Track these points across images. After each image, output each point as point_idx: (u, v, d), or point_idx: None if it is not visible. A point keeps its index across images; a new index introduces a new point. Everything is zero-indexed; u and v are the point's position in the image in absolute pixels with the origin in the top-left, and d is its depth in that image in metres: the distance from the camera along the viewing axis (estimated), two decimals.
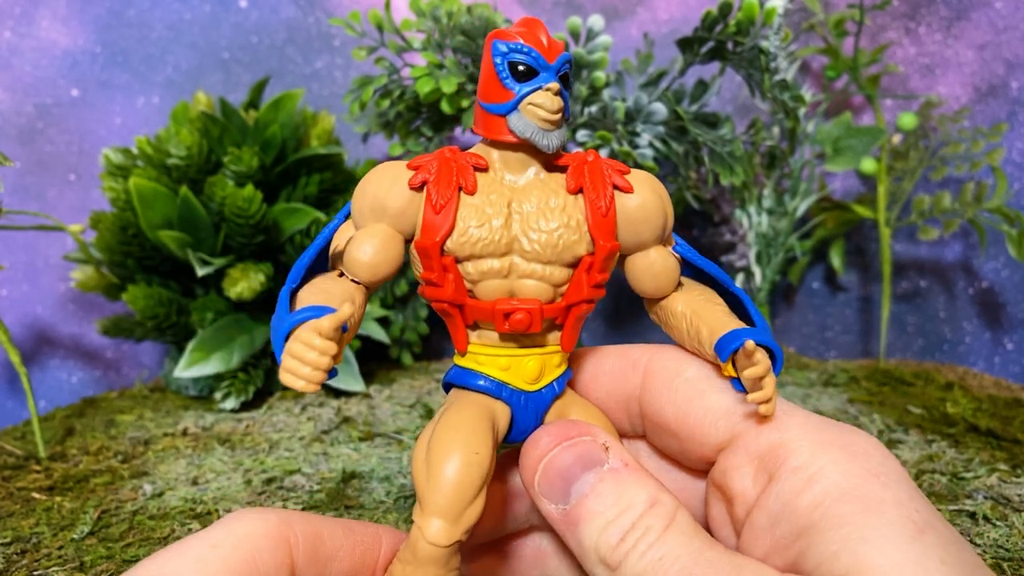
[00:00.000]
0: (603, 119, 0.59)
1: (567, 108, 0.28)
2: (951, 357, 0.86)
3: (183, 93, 0.79)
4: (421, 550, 0.26)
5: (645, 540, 0.25)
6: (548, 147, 0.27)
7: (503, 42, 0.27)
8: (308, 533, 0.26)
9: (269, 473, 0.51)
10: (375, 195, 0.28)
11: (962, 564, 0.23)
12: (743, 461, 0.27)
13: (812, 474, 0.25)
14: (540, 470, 0.28)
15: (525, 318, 0.28)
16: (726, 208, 0.73)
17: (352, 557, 0.28)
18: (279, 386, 0.68)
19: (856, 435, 0.27)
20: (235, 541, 0.25)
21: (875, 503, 0.24)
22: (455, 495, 0.26)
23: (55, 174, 0.80)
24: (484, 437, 0.27)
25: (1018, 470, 0.49)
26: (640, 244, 0.29)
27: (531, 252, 0.28)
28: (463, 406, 0.29)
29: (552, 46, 0.27)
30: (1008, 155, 0.81)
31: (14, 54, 0.77)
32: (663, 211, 0.29)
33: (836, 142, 0.71)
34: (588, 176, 0.28)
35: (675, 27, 0.80)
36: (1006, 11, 0.79)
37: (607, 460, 0.27)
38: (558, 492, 0.27)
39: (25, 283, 0.81)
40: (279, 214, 0.66)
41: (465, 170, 0.28)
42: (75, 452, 0.55)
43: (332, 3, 0.80)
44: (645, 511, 0.26)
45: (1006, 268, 0.84)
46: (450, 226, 0.27)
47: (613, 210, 0.28)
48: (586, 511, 0.27)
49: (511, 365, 0.29)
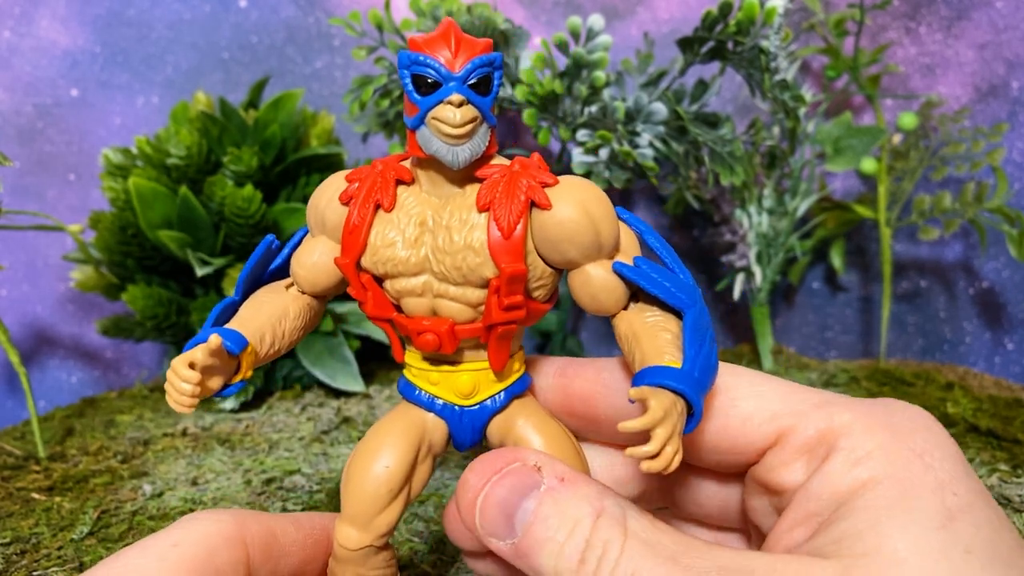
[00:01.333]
0: (603, 119, 0.59)
1: (487, 114, 0.26)
2: (951, 357, 0.86)
3: (183, 93, 0.79)
4: (338, 552, 0.28)
5: (608, 558, 0.24)
6: (454, 163, 0.26)
7: (406, 53, 0.26)
8: (262, 531, 0.27)
9: (269, 473, 0.51)
10: (316, 208, 0.28)
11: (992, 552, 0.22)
12: (792, 456, 0.27)
13: (858, 457, 0.25)
14: (478, 511, 0.27)
15: (434, 340, 0.27)
16: (726, 208, 0.73)
17: (303, 550, 0.29)
18: (279, 386, 0.68)
19: (905, 412, 0.26)
20: (194, 540, 0.26)
21: (912, 486, 0.24)
22: (364, 505, 0.27)
23: (55, 174, 0.80)
24: (401, 451, 0.28)
25: (1018, 470, 0.49)
26: (569, 262, 0.27)
27: (439, 273, 0.27)
28: (390, 419, 0.29)
29: (462, 52, 0.25)
30: (1008, 155, 0.81)
31: (14, 54, 0.77)
32: (591, 227, 0.26)
33: (836, 142, 0.71)
34: (501, 190, 0.26)
35: (675, 27, 0.80)
36: (1006, 11, 0.79)
37: (542, 481, 0.26)
38: (502, 528, 0.26)
39: (25, 283, 0.81)
40: (279, 214, 0.65)
41: (387, 185, 0.27)
42: (75, 452, 0.55)
43: (332, 3, 0.80)
44: (594, 523, 0.25)
45: (1006, 268, 0.83)
46: (362, 245, 0.27)
47: (523, 229, 0.26)
48: (535, 540, 0.26)
49: (441, 380, 0.29)
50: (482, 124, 0.26)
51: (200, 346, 0.26)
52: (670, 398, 0.24)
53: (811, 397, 0.28)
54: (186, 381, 0.25)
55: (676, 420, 0.23)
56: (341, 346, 0.66)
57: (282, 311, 0.29)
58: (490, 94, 0.26)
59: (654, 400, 0.23)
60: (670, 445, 0.23)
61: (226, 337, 0.27)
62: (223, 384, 0.27)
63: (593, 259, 0.27)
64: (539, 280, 0.27)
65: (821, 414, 0.27)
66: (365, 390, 0.66)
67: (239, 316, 0.29)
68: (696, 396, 0.24)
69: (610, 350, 0.86)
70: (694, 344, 0.25)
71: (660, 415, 0.23)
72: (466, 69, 0.25)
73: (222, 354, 0.26)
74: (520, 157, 0.28)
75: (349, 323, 0.68)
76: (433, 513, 0.45)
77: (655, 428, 0.23)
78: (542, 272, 0.27)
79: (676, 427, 0.23)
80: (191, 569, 0.25)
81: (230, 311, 0.29)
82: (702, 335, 0.26)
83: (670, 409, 0.23)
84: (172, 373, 0.25)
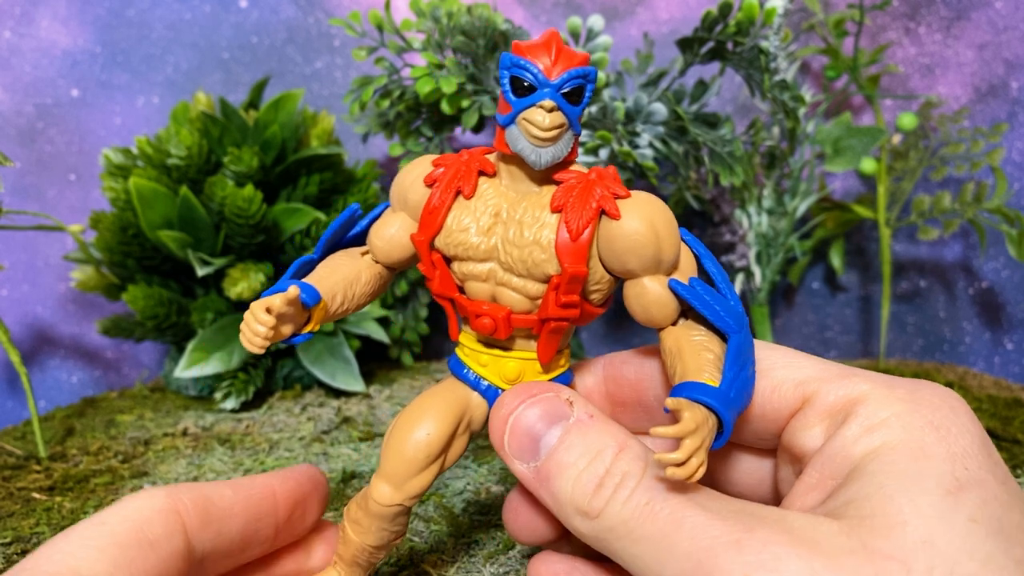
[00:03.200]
0: (603, 119, 0.59)
1: (574, 123, 0.28)
2: (951, 357, 0.86)
3: (183, 93, 0.79)
4: (371, 505, 0.30)
5: (626, 485, 0.25)
6: (536, 163, 0.28)
7: (509, 56, 0.27)
8: (196, 498, 0.27)
9: None
10: (400, 185, 0.31)
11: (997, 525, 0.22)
12: (813, 420, 0.27)
13: (873, 424, 0.25)
14: (508, 430, 0.28)
15: (490, 324, 0.29)
16: (726, 208, 0.73)
17: (247, 511, 0.29)
18: (279, 386, 0.68)
19: (928, 388, 0.27)
20: (122, 517, 0.26)
21: (924, 455, 0.24)
22: (401, 466, 0.29)
23: (55, 174, 0.80)
24: (442, 422, 0.30)
25: (1018, 470, 0.49)
26: (628, 272, 0.28)
27: (505, 263, 0.29)
28: (437, 390, 0.31)
29: (560, 62, 0.27)
30: (1008, 155, 0.81)
31: (14, 54, 0.77)
32: (654, 242, 0.27)
33: (836, 142, 0.71)
34: (575, 196, 0.28)
35: (675, 27, 0.80)
36: (1006, 11, 0.79)
37: (572, 413, 0.28)
38: (527, 450, 0.28)
39: (25, 283, 0.81)
40: (279, 214, 0.66)
41: (470, 174, 0.29)
42: (75, 452, 0.55)
43: (332, 3, 0.80)
44: (616, 456, 0.26)
45: (1006, 268, 0.84)
46: (438, 226, 0.29)
47: (590, 235, 0.27)
48: (556, 464, 0.27)
49: (490, 363, 0.31)
50: (568, 131, 0.28)
51: (279, 294, 0.27)
52: (703, 413, 0.25)
53: (838, 368, 0.28)
54: (262, 324, 0.27)
55: (706, 434, 0.24)
56: (341, 346, 0.66)
57: (355, 275, 0.31)
58: (580, 104, 0.28)
59: (688, 412, 0.24)
60: (696, 457, 0.24)
61: (303, 290, 0.29)
62: (294, 332, 0.29)
63: (651, 273, 0.28)
64: (597, 284, 0.29)
65: (844, 382, 0.27)
66: (365, 390, 0.66)
67: (316, 273, 0.31)
68: (728, 415, 0.25)
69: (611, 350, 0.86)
70: (734, 367, 0.27)
71: (692, 427, 0.24)
72: (562, 78, 0.27)
73: (297, 304, 0.28)
74: (598, 168, 0.29)
75: (349, 323, 0.68)
76: (433, 513, 0.45)
77: (685, 438, 0.24)
78: (600, 277, 0.29)
79: (705, 441, 0.24)
80: (121, 543, 0.25)
81: (307, 268, 0.31)
82: (744, 360, 0.27)
83: (702, 423, 0.24)
84: (250, 314, 0.27)
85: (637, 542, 0.24)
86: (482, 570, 0.38)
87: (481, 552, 0.40)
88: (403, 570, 0.38)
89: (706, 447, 0.24)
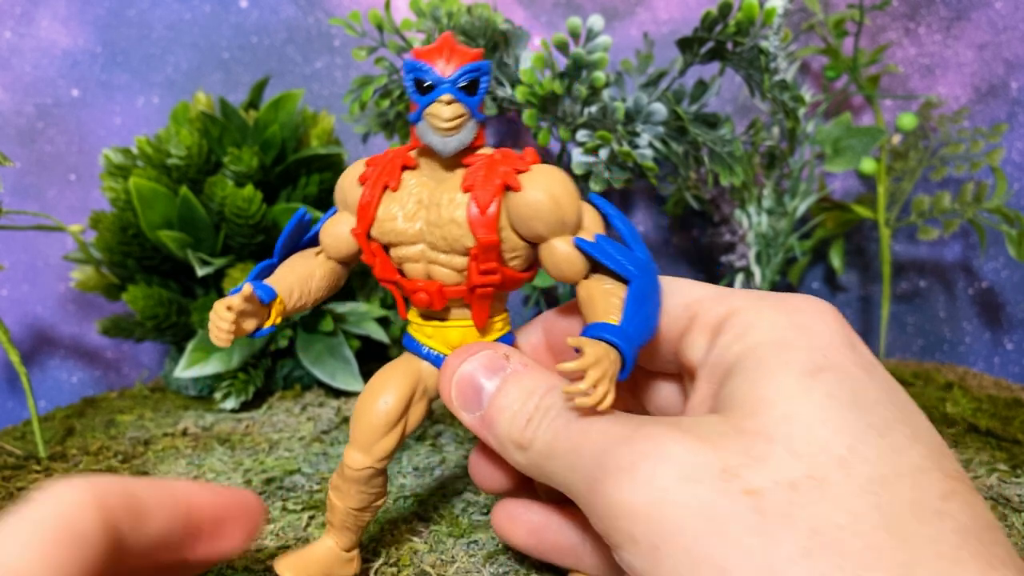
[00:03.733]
0: (603, 119, 0.60)
1: (474, 112, 0.31)
2: (951, 357, 0.86)
3: (183, 93, 0.79)
4: (346, 472, 0.34)
5: (548, 415, 0.29)
6: (444, 151, 0.31)
7: (410, 61, 0.31)
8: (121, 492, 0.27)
9: (269, 473, 0.51)
10: (341, 187, 0.35)
11: (854, 399, 0.25)
12: (698, 336, 0.30)
13: (744, 330, 0.28)
14: (453, 387, 0.32)
15: (425, 297, 0.33)
16: (726, 208, 0.73)
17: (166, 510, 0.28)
18: (279, 386, 0.68)
19: (797, 297, 0.30)
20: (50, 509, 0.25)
21: (787, 347, 0.27)
22: (368, 432, 0.33)
23: (55, 174, 0.80)
24: (399, 390, 0.34)
25: (1018, 470, 0.49)
26: (538, 236, 0.32)
27: (431, 242, 0.32)
28: (393, 364, 0.35)
29: (454, 60, 0.31)
30: (1008, 155, 0.81)
31: (14, 54, 0.77)
32: (555, 207, 0.31)
33: (836, 142, 0.71)
34: (482, 175, 0.31)
35: (675, 27, 0.80)
36: (1006, 11, 0.79)
37: (508, 365, 0.32)
38: (472, 401, 0.32)
39: (25, 283, 0.81)
40: (279, 214, 0.66)
41: (394, 170, 0.33)
42: (75, 452, 0.55)
43: (332, 3, 0.80)
44: (545, 394, 0.30)
45: (1006, 268, 0.84)
46: (371, 217, 0.33)
47: (497, 207, 0.31)
48: (496, 409, 0.30)
49: (435, 334, 0.35)
50: (469, 120, 0.31)
51: (237, 294, 0.31)
52: (604, 347, 0.28)
53: (719, 289, 0.32)
54: (224, 320, 0.31)
55: (608, 365, 0.28)
56: (341, 346, 0.66)
57: (309, 272, 0.35)
58: (477, 95, 0.31)
59: (589, 348, 0.28)
60: (600, 386, 0.27)
61: (258, 288, 0.32)
62: (256, 327, 0.33)
63: (557, 234, 0.32)
64: (513, 252, 0.32)
65: (723, 299, 0.30)
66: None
67: (274, 274, 0.35)
68: (627, 347, 0.29)
69: None
70: (632, 306, 0.30)
71: (592, 360, 0.27)
72: (456, 74, 0.31)
73: (254, 301, 0.32)
74: (503, 148, 0.33)
75: (349, 323, 0.68)
76: (433, 513, 0.45)
77: (588, 370, 0.27)
78: (515, 245, 0.32)
79: (607, 371, 0.27)
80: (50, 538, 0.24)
81: (268, 271, 0.35)
82: (643, 300, 0.30)
83: (602, 356, 0.28)
84: (213, 313, 0.31)
85: (558, 458, 0.28)
86: (482, 570, 0.38)
87: (481, 552, 0.40)
88: (403, 570, 0.38)
89: (610, 377, 0.27)
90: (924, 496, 0.23)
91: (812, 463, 0.23)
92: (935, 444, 0.25)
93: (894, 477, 0.23)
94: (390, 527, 0.43)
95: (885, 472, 0.23)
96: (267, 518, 0.45)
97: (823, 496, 0.23)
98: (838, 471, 0.23)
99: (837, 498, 0.22)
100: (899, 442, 0.24)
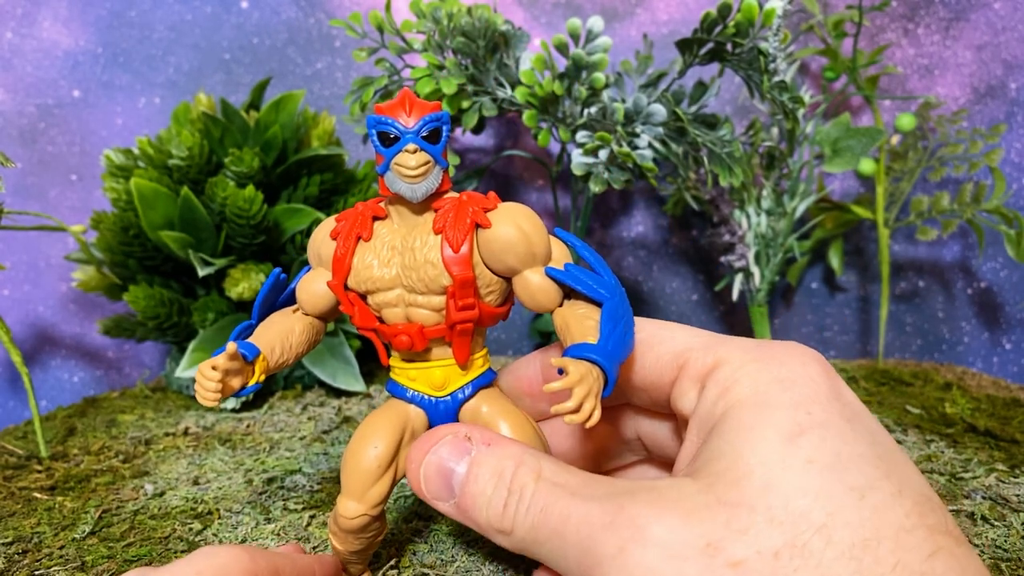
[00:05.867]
0: (603, 120, 0.60)
1: (438, 159, 0.32)
2: (949, 357, 0.86)
3: (184, 94, 0.80)
4: (341, 522, 0.34)
5: (523, 499, 0.29)
6: (413, 197, 0.32)
7: (373, 117, 0.32)
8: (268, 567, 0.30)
9: (270, 473, 0.51)
10: (313, 245, 0.36)
11: (834, 460, 0.25)
12: (687, 387, 0.31)
13: (728, 384, 0.28)
14: (422, 479, 0.32)
15: (407, 340, 0.34)
16: (725, 209, 0.74)
17: None
18: (280, 386, 0.69)
19: (781, 346, 0.30)
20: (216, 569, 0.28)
21: (768, 406, 0.27)
22: (359, 480, 0.33)
23: (57, 174, 0.80)
24: (388, 435, 0.34)
25: (1016, 470, 0.49)
26: (510, 269, 0.33)
27: (409, 285, 0.33)
28: (380, 411, 0.35)
29: (415, 112, 0.32)
30: (1006, 156, 0.81)
31: (16, 55, 0.78)
32: (525, 240, 0.32)
33: (835, 143, 0.71)
34: (452, 217, 0.32)
35: (674, 28, 0.80)
36: (1004, 12, 0.79)
37: (471, 447, 0.31)
38: (444, 490, 0.31)
39: (27, 283, 0.81)
40: (280, 215, 0.66)
41: (365, 221, 0.34)
42: (76, 452, 0.55)
43: (333, 4, 0.80)
44: (515, 472, 0.29)
45: (1004, 268, 0.84)
46: (347, 268, 0.34)
47: (470, 245, 0.32)
48: (470, 496, 0.30)
49: (418, 376, 0.35)
50: (435, 167, 0.33)
51: (220, 355, 0.32)
52: (587, 366, 0.29)
53: (708, 336, 0.32)
54: (210, 380, 0.31)
55: (592, 383, 0.28)
56: (342, 346, 0.67)
57: (289, 328, 0.36)
58: (439, 143, 0.32)
59: (572, 367, 0.28)
60: (587, 402, 0.28)
61: (242, 347, 0.33)
62: (242, 385, 0.34)
63: (529, 266, 0.33)
64: (489, 287, 0.33)
65: (710, 350, 0.31)
66: (366, 390, 0.66)
67: (256, 333, 0.35)
68: (609, 364, 0.29)
69: None
70: (608, 325, 0.31)
71: (577, 378, 0.28)
72: (418, 124, 0.32)
73: (239, 359, 0.33)
74: (468, 191, 0.34)
75: (350, 323, 0.68)
76: (433, 512, 0.45)
77: (574, 388, 0.28)
78: (490, 280, 0.33)
79: (592, 388, 0.28)
80: None
81: (248, 331, 0.36)
82: (616, 319, 0.31)
83: (586, 374, 0.28)
84: (199, 374, 0.32)
85: (544, 543, 0.28)
86: (482, 569, 0.38)
87: (481, 552, 0.40)
88: (403, 570, 0.39)
89: (595, 394, 0.28)
90: (908, 557, 0.23)
91: (793, 531, 0.24)
92: (921, 497, 0.25)
93: (876, 541, 0.23)
94: (390, 527, 0.43)
95: (867, 536, 0.23)
96: (268, 518, 0.45)
97: (805, 564, 0.23)
98: (819, 538, 0.23)
99: (819, 566, 0.23)
100: (882, 501, 0.24)
